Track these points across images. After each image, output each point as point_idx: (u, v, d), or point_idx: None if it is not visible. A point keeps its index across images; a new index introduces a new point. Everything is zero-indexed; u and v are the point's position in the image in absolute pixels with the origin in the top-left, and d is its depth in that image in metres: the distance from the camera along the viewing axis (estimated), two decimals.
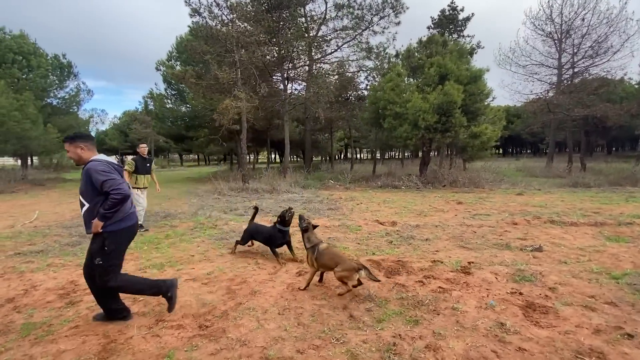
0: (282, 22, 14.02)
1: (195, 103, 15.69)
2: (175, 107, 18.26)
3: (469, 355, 2.15)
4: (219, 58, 10.63)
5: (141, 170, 5.86)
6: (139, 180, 5.88)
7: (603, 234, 5.09)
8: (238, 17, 10.55)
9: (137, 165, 5.81)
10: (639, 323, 2.48)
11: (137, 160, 5.87)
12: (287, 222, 4.15)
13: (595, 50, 17.55)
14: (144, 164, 5.92)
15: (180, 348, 2.36)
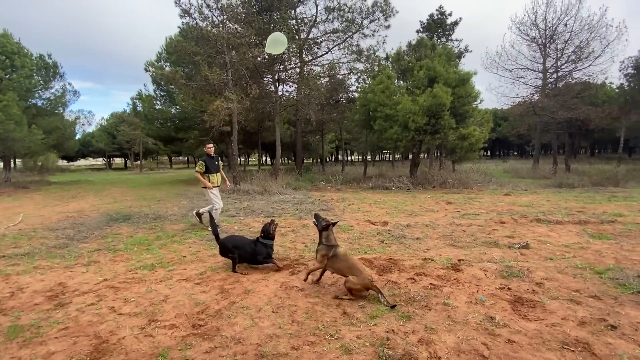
0: (272, 24, 14.04)
1: (185, 104, 15.54)
2: (165, 109, 18.03)
3: (460, 348, 2.20)
4: (209, 59, 10.57)
5: (212, 169, 5.92)
6: (212, 179, 5.90)
7: (587, 231, 5.25)
8: (229, 18, 10.52)
9: (207, 164, 5.87)
10: (621, 315, 2.58)
11: (206, 160, 5.91)
12: (272, 235, 3.92)
13: (578, 55, 18.06)
14: (213, 162, 5.98)
15: (174, 347, 2.35)
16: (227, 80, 10.38)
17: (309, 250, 4.56)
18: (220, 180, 6.08)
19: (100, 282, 3.57)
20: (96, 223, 6.63)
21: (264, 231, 3.92)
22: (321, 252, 3.21)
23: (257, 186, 11.22)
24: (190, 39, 11.03)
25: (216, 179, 5.97)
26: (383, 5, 15.03)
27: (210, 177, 5.87)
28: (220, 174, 6.09)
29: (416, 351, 2.18)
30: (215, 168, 5.95)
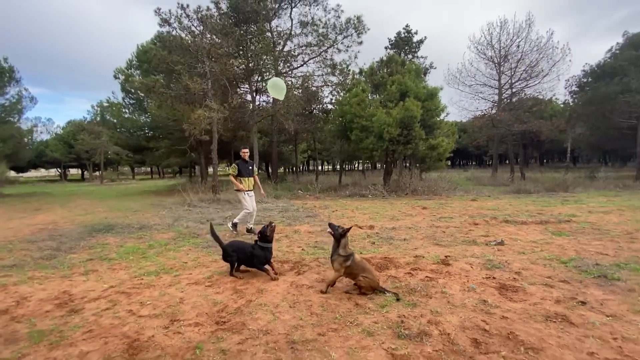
0: (250, 36, 14.30)
1: (158, 113, 15.21)
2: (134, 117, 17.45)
3: (464, 325, 2.57)
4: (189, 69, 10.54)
5: (244, 172, 6.09)
6: (244, 183, 6.06)
7: (548, 230, 5.97)
8: (208, 29, 10.61)
9: (240, 168, 6.05)
10: (588, 294, 3.09)
11: (240, 164, 6.10)
12: (269, 237, 3.89)
13: (529, 74, 20.00)
14: (246, 167, 6.14)
15: (206, 341, 2.49)
16: (208, 89, 10.41)
17: (306, 253, 4.80)
18: (252, 185, 6.22)
19: (108, 289, 3.57)
20: (77, 234, 6.40)
21: (261, 233, 3.90)
22: (339, 262, 3.23)
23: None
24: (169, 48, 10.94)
25: (247, 183, 6.12)
26: (356, 22, 15.86)
27: (242, 180, 6.07)
28: (253, 179, 6.24)
29: (428, 330, 2.51)
30: (248, 172, 6.13)
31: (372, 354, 2.23)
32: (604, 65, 17.72)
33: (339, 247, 3.30)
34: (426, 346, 2.29)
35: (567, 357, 2.11)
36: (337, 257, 3.27)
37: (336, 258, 3.28)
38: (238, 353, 2.32)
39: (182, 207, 10.41)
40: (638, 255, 4.26)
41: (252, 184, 6.24)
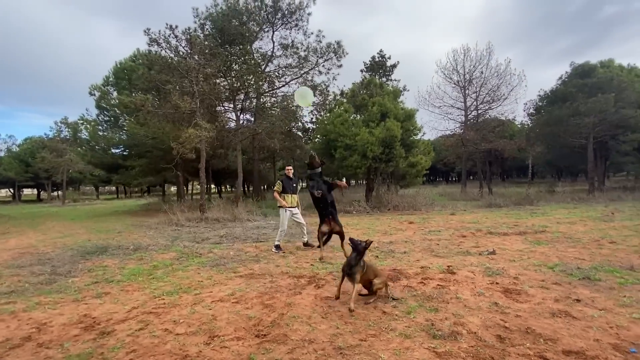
0: (234, 57, 14.59)
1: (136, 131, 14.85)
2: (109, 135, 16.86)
3: (486, 324, 2.90)
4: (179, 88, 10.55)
5: (288, 189, 6.21)
6: (286, 199, 6.17)
7: (528, 239, 6.58)
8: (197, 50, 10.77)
9: (285, 185, 6.19)
10: (579, 293, 3.56)
11: (284, 180, 6.25)
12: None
13: (491, 97, 21.84)
14: (291, 183, 6.27)
15: (255, 353, 2.62)
16: (197, 108, 10.46)
17: (317, 268, 4.99)
18: (295, 202, 6.28)
19: (131, 310, 3.56)
20: (69, 257, 6.14)
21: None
22: (359, 273, 3.41)
23: (225, 214, 11.16)
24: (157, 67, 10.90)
25: (290, 199, 6.20)
26: (336, 47, 16.67)
27: (285, 196, 6.18)
28: (296, 196, 6.35)
29: (458, 330, 2.80)
30: (291, 189, 6.24)
31: (416, 353, 2.48)
32: (556, 91, 19.79)
33: (359, 260, 3.48)
34: (461, 343, 2.58)
35: (579, 344, 2.48)
36: (357, 268, 3.43)
37: (358, 269, 3.44)
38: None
39: (168, 227, 10.18)
40: (609, 259, 4.88)
41: (296, 201, 6.35)
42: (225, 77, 13.67)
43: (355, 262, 3.49)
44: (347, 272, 3.50)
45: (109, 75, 16.95)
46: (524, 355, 2.39)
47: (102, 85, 16.96)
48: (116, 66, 16.60)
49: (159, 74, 10.60)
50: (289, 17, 16.15)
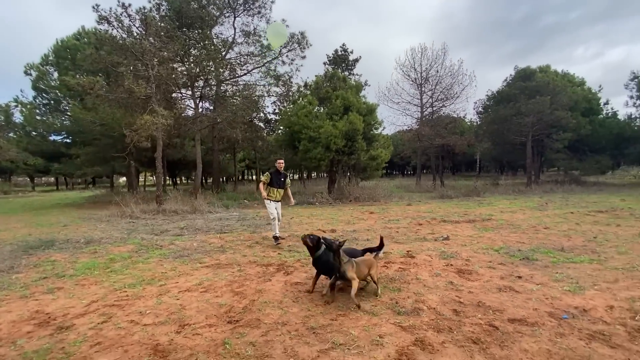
0: (193, 41, 13.91)
1: (82, 116, 13.62)
2: (50, 120, 15.23)
3: (444, 300, 3.19)
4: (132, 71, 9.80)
5: (275, 183, 6.08)
6: (272, 193, 6.07)
7: (476, 227, 7.21)
8: (152, 32, 10.08)
9: (273, 178, 6.08)
10: (520, 271, 4.02)
11: (273, 173, 6.12)
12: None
13: (445, 95, 23.15)
14: (279, 178, 6.12)
15: (230, 337, 2.65)
16: (152, 93, 9.83)
17: (284, 257, 5.06)
18: (278, 196, 6.14)
19: (90, 304, 3.38)
20: (7, 253, 5.58)
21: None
22: (350, 269, 3.28)
23: (184, 205, 10.74)
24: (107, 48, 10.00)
25: (275, 193, 6.08)
26: (300, 38, 16.55)
27: (271, 190, 6.08)
28: (284, 190, 6.19)
29: (419, 306, 3.06)
30: (278, 184, 6.09)
31: (384, 328, 2.68)
32: (501, 92, 21.50)
33: (339, 257, 3.32)
34: (423, 318, 2.83)
35: (522, 313, 2.85)
36: (345, 265, 3.29)
37: (346, 267, 3.28)
38: (266, 343, 2.54)
39: (121, 219, 9.59)
40: (543, 242, 5.53)
41: (281, 195, 6.21)
42: (183, 62, 12.99)
43: (337, 262, 3.32)
44: (338, 275, 3.34)
45: (49, 54, 15.24)
46: (477, 324, 2.69)
47: (41, 65, 15.21)
48: (57, 44, 14.94)
49: (109, 55, 9.75)
50: (251, 3, 15.71)
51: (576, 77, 24.05)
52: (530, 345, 2.37)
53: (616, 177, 29.17)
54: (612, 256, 4.57)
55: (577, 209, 9.75)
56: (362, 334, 2.60)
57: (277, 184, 6.13)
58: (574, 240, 5.64)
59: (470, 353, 2.28)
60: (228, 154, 28.18)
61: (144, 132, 9.01)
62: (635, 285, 3.46)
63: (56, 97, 15.45)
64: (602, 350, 2.30)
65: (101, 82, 9.64)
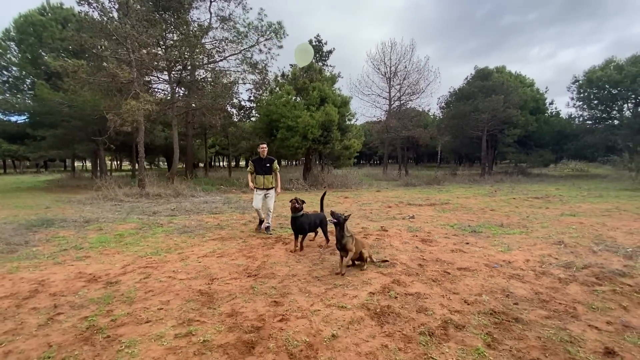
0: (170, 25, 13.87)
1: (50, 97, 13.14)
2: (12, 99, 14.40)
3: (411, 258, 4.22)
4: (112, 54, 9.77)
5: (258, 170, 5.83)
6: (257, 181, 5.82)
7: (436, 209, 8.45)
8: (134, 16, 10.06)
9: (255, 166, 5.84)
10: (469, 240, 5.17)
11: (255, 161, 5.86)
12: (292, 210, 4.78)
13: (412, 90, 24.59)
14: (261, 164, 5.83)
15: (255, 284, 3.47)
16: (134, 79, 9.93)
17: (277, 232, 5.88)
18: (267, 183, 5.80)
19: (125, 267, 4.01)
20: (10, 230, 5.86)
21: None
22: (350, 242, 3.74)
23: (167, 189, 11.08)
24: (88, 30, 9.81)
25: (263, 181, 5.78)
26: (277, 27, 16.90)
27: (257, 178, 5.83)
28: (270, 177, 5.84)
29: (394, 262, 4.06)
30: (263, 170, 5.79)
31: (370, 274, 3.64)
32: (462, 90, 23.35)
33: (343, 231, 3.76)
34: (397, 269, 3.83)
35: (467, 264, 3.94)
36: (347, 238, 3.74)
37: (347, 240, 3.73)
38: (284, 287, 3.39)
39: (104, 202, 9.79)
40: (489, 220, 6.81)
41: (270, 182, 5.85)
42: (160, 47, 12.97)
43: (341, 235, 3.74)
44: (339, 247, 3.78)
45: (10, 29, 14.31)
46: (435, 271, 3.73)
47: (2, 40, 14.27)
48: (19, 19, 14.08)
49: (91, 38, 9.64)
50: None
51: (527, 79, 26.57)
52: (470, 281, 3.44)
53: (557, 170, 32.80)
54: (537, 229, 5.90)
55: (519, 195, 11.44)
56: (354, 279, 3.54)
57: (261, 171, 5.84)
58: (511, 218, 7.00)
59: (431, 286, 3.30)
60: (198, 139, 27.92)
61: (129, 117, 9.19)
62: (547, 247, 4.72)
63: (18, 75, 14.64)
64: (516, 284, 3.41)
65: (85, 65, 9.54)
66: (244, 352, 2.22)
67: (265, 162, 5.88)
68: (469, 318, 2.65)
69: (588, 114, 23.73)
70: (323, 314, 2.74)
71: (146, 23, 11.00)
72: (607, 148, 22.48)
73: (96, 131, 15.03)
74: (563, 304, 2.91)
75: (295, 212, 4.75)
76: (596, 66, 22.20)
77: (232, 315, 2.74)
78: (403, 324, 2.55)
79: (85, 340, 2.38)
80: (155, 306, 2.94)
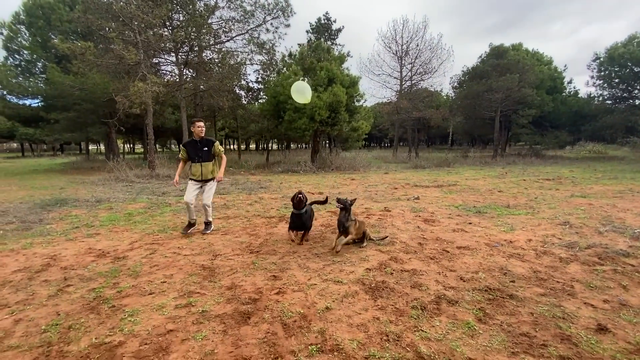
0: (176, 5, 13.70)
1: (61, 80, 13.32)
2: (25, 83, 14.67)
3: (412, 237, 4.23)
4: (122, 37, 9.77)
5: (192, 156, 4.49)
6: (194, 171, 4.53)
7: (443, 190, 8.38)
8: None
9: (188, 151, 4.52)
10: (472, 220, 5.14)
11: (188, 144, 4.56)
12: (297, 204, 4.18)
13: (424, 69, 23.93)
14: (197, 148, 4.49)
15: (256, 260, 3.55)
16: (141, 60, 9.95)
17: (282, 213, 5.96)
18: (203, 173, 4.51)
19: (132, 244, 4.15)
20: (26, 210, 6.11)
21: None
22: (353, 225, 3.84)
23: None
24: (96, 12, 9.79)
25: (202, 169, 4.50)
26: (284, 5, 16.51)
27: (191, 167, 4.57)
28: (211, 164, 4.55)
29: (393, 240, 4.08)
30: (199, 156, 4.48)
31: (368, 252, 3.68)
32: (476, 68, 22.57)
33: (349, 215, 3.87)
34: (396, 246, 3.86)
35: (466, 243, 3.94)
36: (351, 222, 3.84)
37: (351, 224, 3.83)
38: (284, 262, 3.47)
39: (116, 183, 10.05)
40: (495, 202, 6.73)
41: (210, 171, 4.56)
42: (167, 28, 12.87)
43: (346, 218, 3.84)
44: (342, 229, 3.86)
45: (20, 12, 14.40)
46: (434, 249, 3.75)
47: (12, 24, 14.41)
48: (28, 2, 14.13)
49: (98, 19, 9.63)
50: None
51: (545, 56, 25.45)
52: (468, 259, 3.44)
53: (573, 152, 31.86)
54: (543, 210, 5.81)
55: (530, 177, 11.21)
56: (353, 256, 3.59)
57: (198, 157, 4.48)
58: (518, 200, 6.90)
59: (428, 263, 3.33)
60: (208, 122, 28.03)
61: (136, 99, 9.27)
62: (551, 227, 4.66)
63: (30, 58, 14.84)
64: (515, 263, 3.40)
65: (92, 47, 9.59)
66: (240, 321, 2.31)
67: (203, 145, 4.50)
68: (463, 294, 2.67)
69: (608, 93, 22.75)
70: (319, 287, 2.80)
71: (151, 3, 10.89)
72: (627, 129, 21.65)
73: (107, 114, 15.27)
74: (560, 282, 2.90)
75: (299, 208, 4.18)
76: (619, 43, 21.06)
77: (232, 288, 2.84)
78: (396, 299, 2.60)
79: (92, 309, 2.51)
80: (159, 279, 3.06)
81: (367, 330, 2.17)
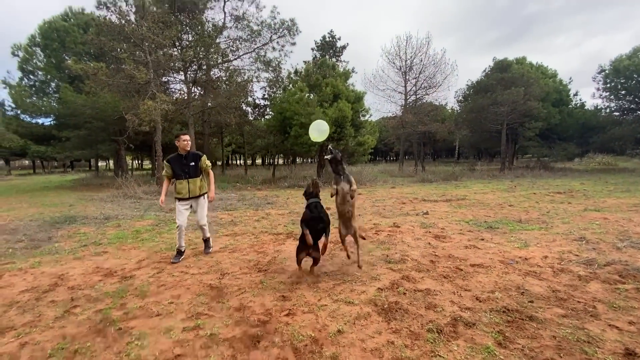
0: (186, 26, 14.12)
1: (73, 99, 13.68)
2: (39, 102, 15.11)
3: (423, 254, 4.13)
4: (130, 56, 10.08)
5: (180, 173, 4.16)
6: (179, 188, 4.19)
7: (452, 205, 8.26)
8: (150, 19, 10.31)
9: (173, 167, 4.17)
10: (484, 236, 5.02)
11: (173, 160, 4.21)
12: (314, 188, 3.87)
13: (428, 84, 24.08)
14: (182, 164, 4.18)
15: (264, 279, 3.48)
16: (151, 79, 10.19)
17: (290, 229, 5.90)
18: (191, 190, 4.21)
19: (140, 262, 4.12)
20: (36, 227, 6.15)
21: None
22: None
23: None
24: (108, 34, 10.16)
25: (188, 187, 4.19)
26: (290, 24, 16.93)
27: (178, 183, 4.20)
28: (198, 180, 4.27)
29: (405, 258, 3.99)
30: (186, 172, 4.16)
31: (379, 270, 3.59)
32: (480, 82, 22.68)
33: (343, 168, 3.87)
34: (407, 264, 3.76)
35: (480, 260, 3.83)
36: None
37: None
38: (292, 284, 3.40)
39: (124, 200, 10.12)
40: (506, 216, 6.60)
41: (198, 187, 4.27)
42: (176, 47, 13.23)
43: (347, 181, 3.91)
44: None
45: (35, 35, 14.99)
46: (447, 267, 3.64)
47: (28, 46, 14.97)
48: (44, 25, 14.72)
49: (110, 41, 9.96)
50: None
51: (549, 69, 25.51)
52: (483, 278, 3.33)
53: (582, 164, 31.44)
54: (557, 225, 5.66)
55: (540, 190, 11.03)
56: (363, 275, 3.50)
57: (184, 174, 4.18)
58: (530, 214, 6.75)
59: (441, 282, 3.23)
60: (215, 138, 28.41)
61: (146, 117, 9.45)
62: (567, 243, 4.52)
63: (45, 79, 15.32)
64: (532, 281, 3.28)
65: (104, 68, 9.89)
66: (249, 346, 2.23)
67: (189, 160, 4.22)
68: (480, 315, 2.57)
69: (615, 104, 22.61)
70: (330, 309, 2.72)
71: (162, 25, 11.24)
72: (637, 140, 21.36)
73: (117, 131, 15.55)
74: (582, 302, 2.78)
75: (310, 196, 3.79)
76: (623, 55, 21.06)
77: (240, 309, 2.77)
78: (411, 321, 2.51)
79: (98, 332, 2.45)
80: (166, 300, 3.01)
81: (381, 356, 2.08)
